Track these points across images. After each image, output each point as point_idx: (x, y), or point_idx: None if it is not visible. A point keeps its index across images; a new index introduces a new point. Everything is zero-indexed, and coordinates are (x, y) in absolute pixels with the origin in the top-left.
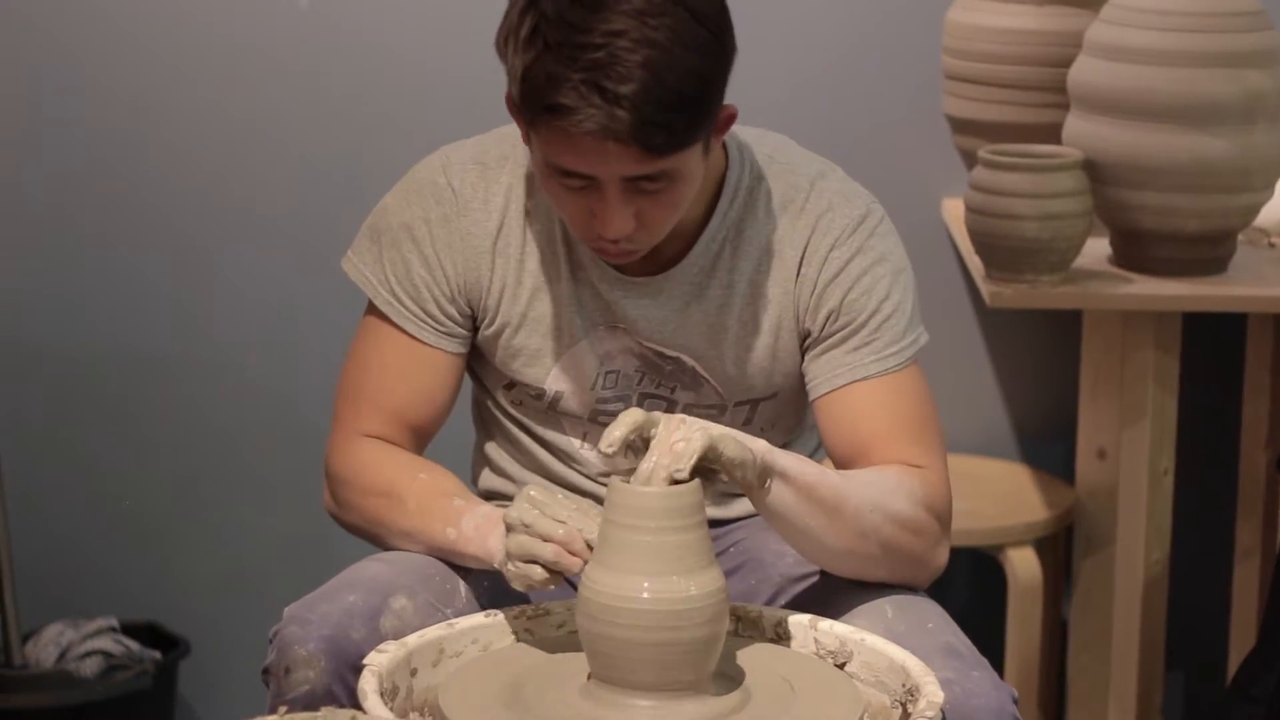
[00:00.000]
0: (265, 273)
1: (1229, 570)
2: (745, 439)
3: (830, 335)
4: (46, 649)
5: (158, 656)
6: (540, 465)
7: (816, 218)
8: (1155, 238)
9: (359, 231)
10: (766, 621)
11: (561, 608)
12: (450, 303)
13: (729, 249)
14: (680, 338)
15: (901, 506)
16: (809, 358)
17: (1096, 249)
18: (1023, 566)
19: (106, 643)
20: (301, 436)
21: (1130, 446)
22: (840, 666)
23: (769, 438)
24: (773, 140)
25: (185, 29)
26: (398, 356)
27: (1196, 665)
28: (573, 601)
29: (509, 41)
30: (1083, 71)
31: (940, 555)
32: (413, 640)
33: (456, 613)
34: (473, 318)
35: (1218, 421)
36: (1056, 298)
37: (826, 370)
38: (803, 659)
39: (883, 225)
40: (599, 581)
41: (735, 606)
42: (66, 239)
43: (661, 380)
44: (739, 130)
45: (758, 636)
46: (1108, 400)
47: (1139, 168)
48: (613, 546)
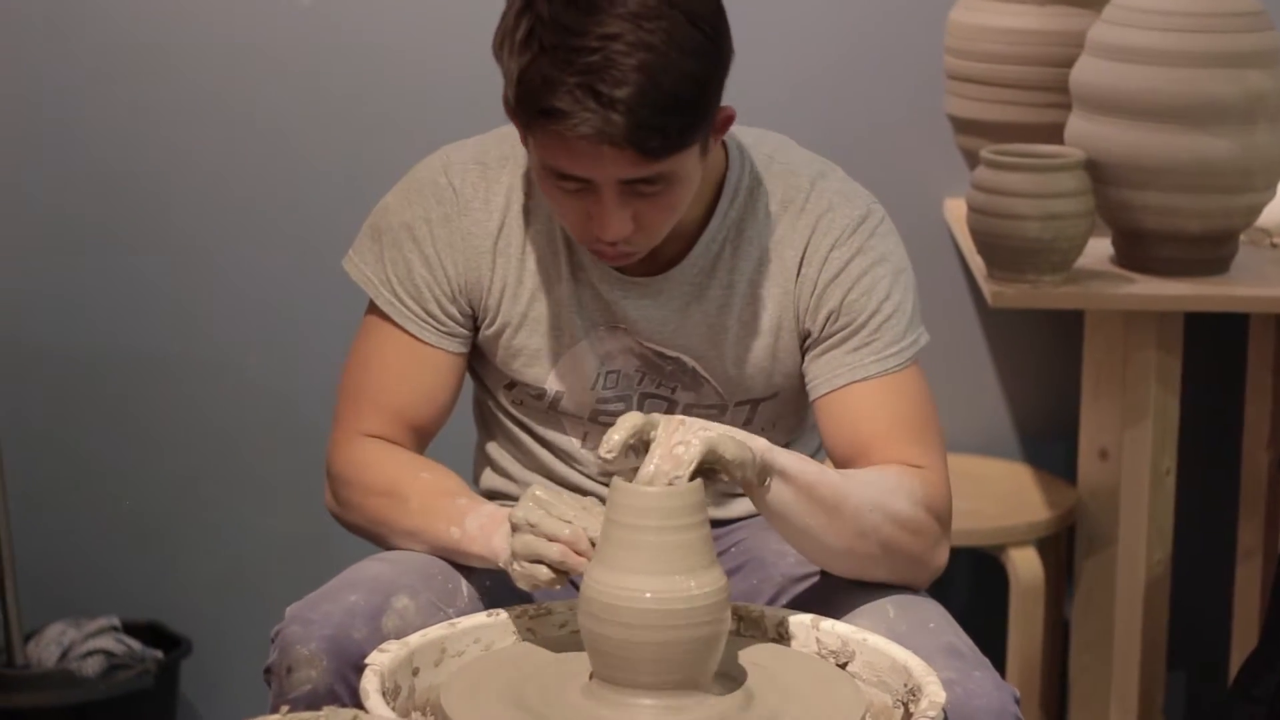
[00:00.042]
0: (266, 272)
1: (1231, 570)
2: (745, 438)
3: (830, 335)
4: (48, 648)
5: (160, 656)
6: (541, 465)
7: (817, 218)
8: (1157, 238)
9: (360, 231)
10: (768, 621)
11: (564, 607)
12: (451, 302)
13: (729, 249)
14: (680, 338)
15: (901, 506)
16: (809, 358)
17: (1098, 249)
18: (1024, 566)
19: (108, 642)
20: (302, 436)
21: (1132, 446)
22: (842, 666)
23: (770, 438)
24: (773, 140)
25: (185, 28)
26: (399, 356)
27: (1198, 665)
28: (575, 601)
29: (505, 44)
30: (1085, 71)
31: (940, 556)
32: (415, 640)
33: (459, 612)
34: (473, 317)
35: (1220, 422)
36: (1058, 298)
37: (826, 370)
38: (805, 659)
39: (883, 225)
40: (601, 581)
41: (737, 606)
42: (67, 239)
43: (662, 380)
44: (739, 131)
45: (760, 636)
46: (1110, 400)
47: (1141, 168)
48: (615, 546)
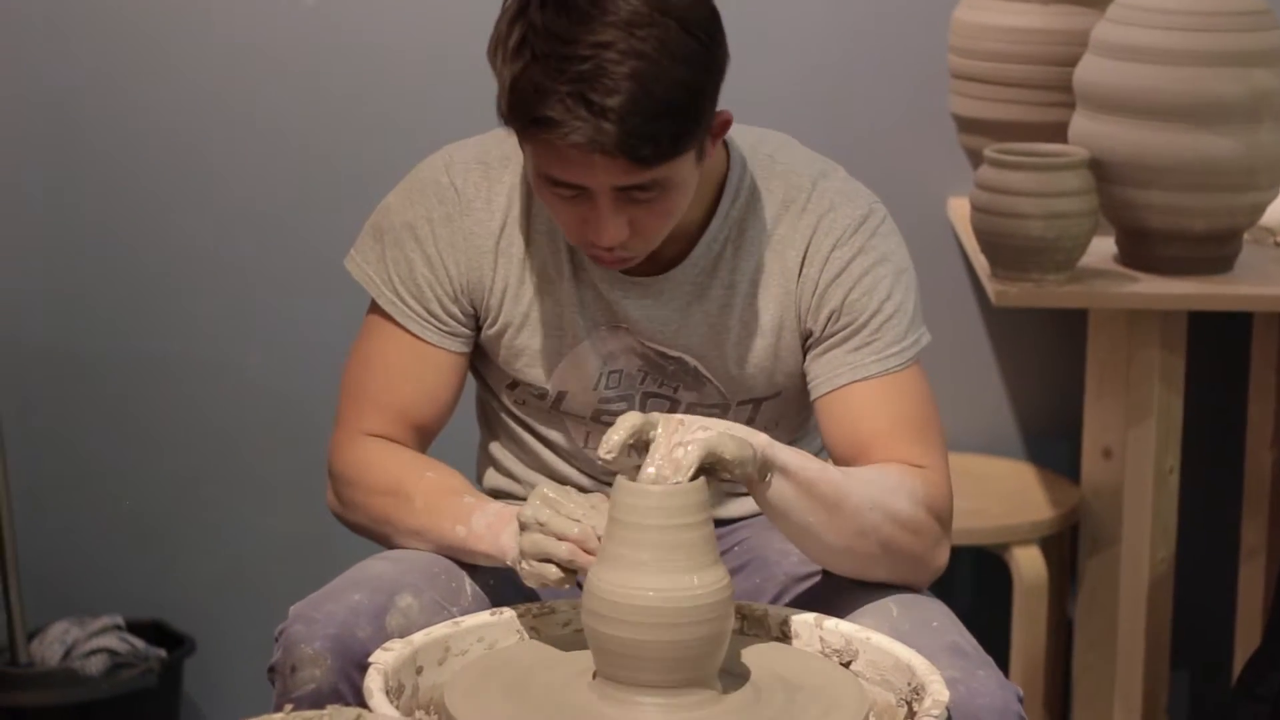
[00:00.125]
0: (267, 272)
1: (1234, 569)
2: (746, 434)
3: (831, 335)
4: (52, 647)
5: (163, 654)
6: (544, 465)
7: (818, 218)
8: (1161, 237)
9: (361, 231)
10: (772, 620)
11: (567, 606)
12: (453, 302)
13: (730, 249)
14: (682, 338)
15: (902, 506)
16: (810, 357)
17: (1102, 248)
18: (1028, 565)
19: (112, 641)
20: (305, 435)
21: (1135, 445)
22: (845, 665)
23: (773, 437)
24: (775, 140)
25: (187, 28)
26: (401, 356)
27: (1202, 664)
28: (579, 600)
29: (498, 51)
30: (1089, 70)
31: (940, 556)
32: (418, 638)
33: (462, 611)
34: (475, 317)
35: (1223, 420)
36: (1062, 297)
37: (827, 370)
38: (808, 658)
39: (884, 225)
40: (605, 580)
41: (741, 605)
42: (68, 239)
43: (664, 380)
44: (741, 130)
45: (763, 635)
46: (1113, 399)
47: (1145, 167)
48: (619, 545)
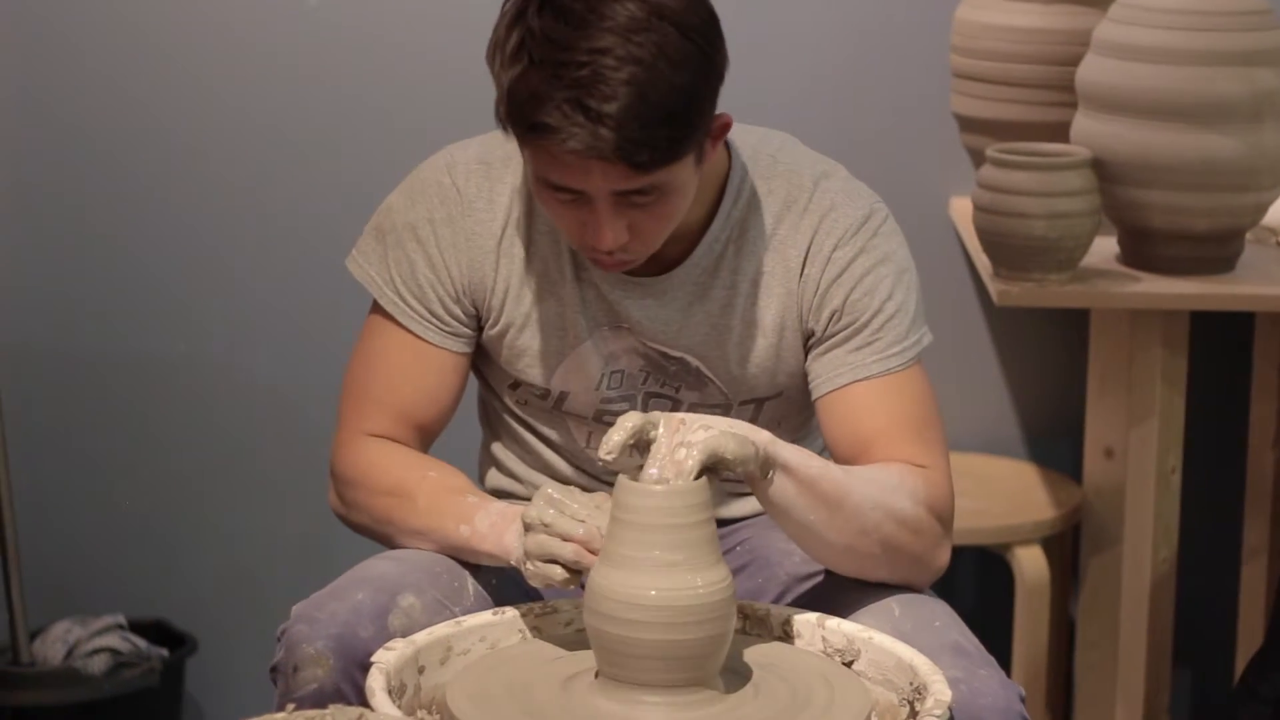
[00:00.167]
0: (268, 272)
1: (1236, 569)
2: (748, 431)
3: (833, 335)
4: (54, 646)
5: (165, 654)
6: (546, 465)
7: (820, 218)
8: (1163, 236)
9: (363, 231)
10: (774, 619)
11: (569, 605)
12: (455, 303)
13: (732, 249)
14: (684, 338)
15: (903, 505)
16: (812, 357)
17: (1104, 248)
18: (1030, 565)
19: (114, 640)
20: (307, 435)
21: (1138, 445)
22: (848, 665)
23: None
24: (776, 140)
25: (188, 28)
26: (403, 356)
27: (1203, 664)
28: (581, 599)
29: (496, 56)
30: (1091, 70)
31: (941, 556)
32: (420, 638)
33: (464, 611)
34: (477, 318)
35: (1225, 420)
36: (1064, 296)
37: (829, 370)
38: (810, 657)
39: (886, 225)
40: (607, 579)
41: (743, 604)
42: (71, 240)
43: (666, 380)
44: (742, 130)
45: (765, 634)
46: (1115, 399)
47: (1147, 166)
48: (620, 544)
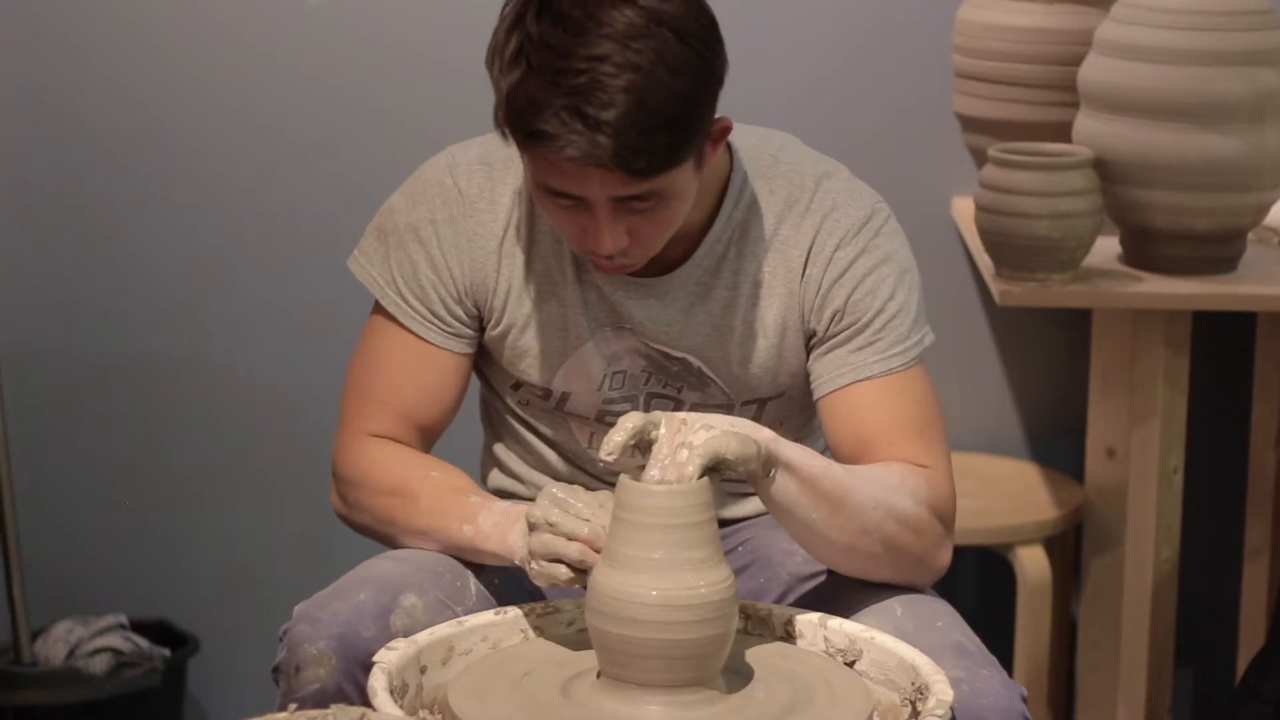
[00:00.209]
0: (268, 272)
1: (1238, 569)
2: (750, 429)
3: (835, 335)
4: (56, 646)
5: (167, 654)
6: (548, 466)
7: (821, 218)
8: (1165, 236)
9: (365, 232)
10: (776, 619)
11: (571, 605)
12: (457, 303)
13: (734, 250)
14: (686, 338)
15: (905, 505)
16: (813, 357)
17: (1106, 247)
18: (1032, 565)
19: (115, 640)
20: (308, 435)
21: (1140, 445)
22: (850, 665)
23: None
24: (778, 140)
25: (189, 28)
26: (404, 357)
27: (1205, 664)
28: (583, 599)
29: (495, 60)
30: (1093, 70)
31: (943, 556)
32: (422, 638)
33: (466, 610)
34: (479, 318)
35: (1227, 420)
36: (1066, 296)
37: (830, 370)
38: (812, 657)
39: (888, 225)
40: (609, 579)
41: (745, 604)
42: (71, 240)
43: (668, 380)
44: (744, 130)
45: (767, 635)
46: (1117, 399)
47: (1149, 166)
48: (622, 544)
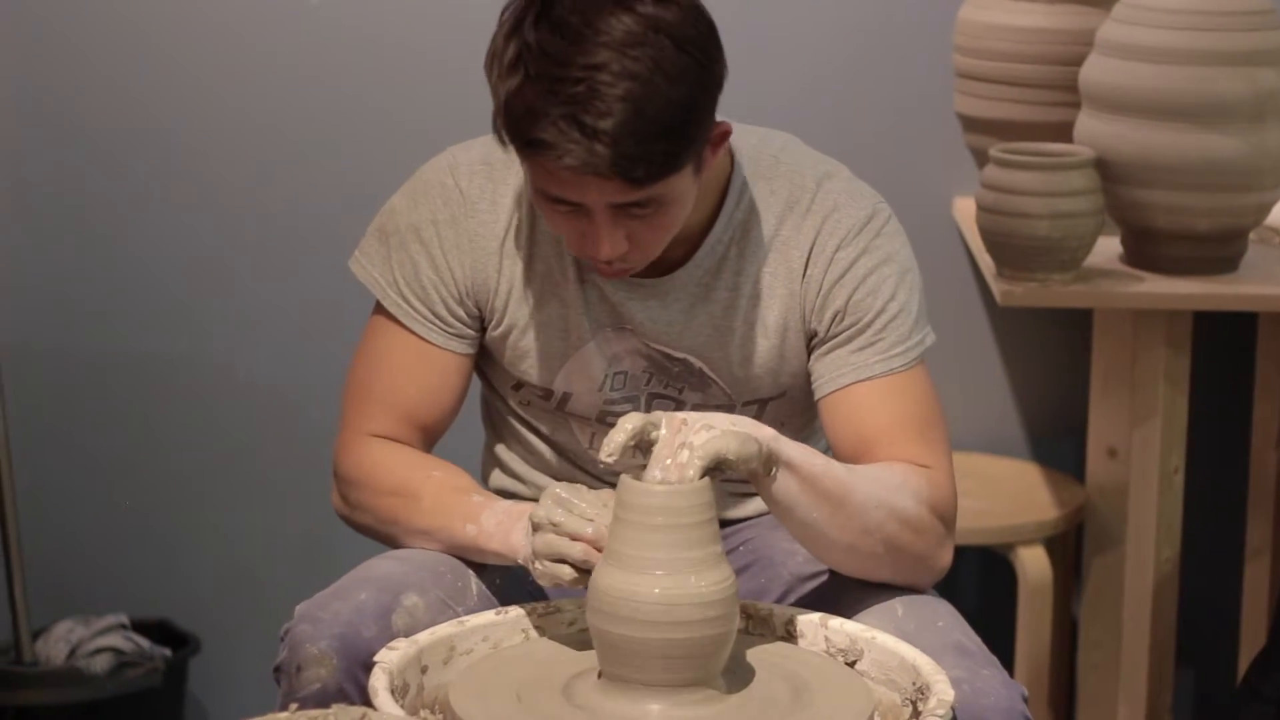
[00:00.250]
0: (269, 272)
1: (1239, 569)
2: (751, 427)
3: (836, 335)
4: (57, 646)
5: (168, 654)
6: (549, 466)
7: (822, 218)
8: (1166, 236)
9: (366, 232)
10: (777, 619)
11: (573, 605)
12: (458, 304)
13: (735, 251)
14: (687, 339)
15: (906, 505)
16: (814, 357)
17: (1107, 247)
18: (1033, 565)
19: (116, 640)
20: (309, 435)
21: (1141, 445)
22: (851, 665)
23: None
24: (779, 140)
25: (189, 28)
26: (406, 357)
27: (1206, 664)
28: (584, 599)
29: (493, 66)
30: (1094, 70)
31: (944, 557)
32: (424, 638)
33: (468, 610)
34: (481, 319)
35: (1228, 420)
36: (1067, 296)
37: (831, 370)
38: (813, 657)
39: (889, 225)
40: (610, 579)
41: (746, 604)
42: (71, 240)
43: (669, 381)
44: (744, 131)
45: (768, 634)
46: (1118, 399)
47: (1150, 166)
48: (623, 544)
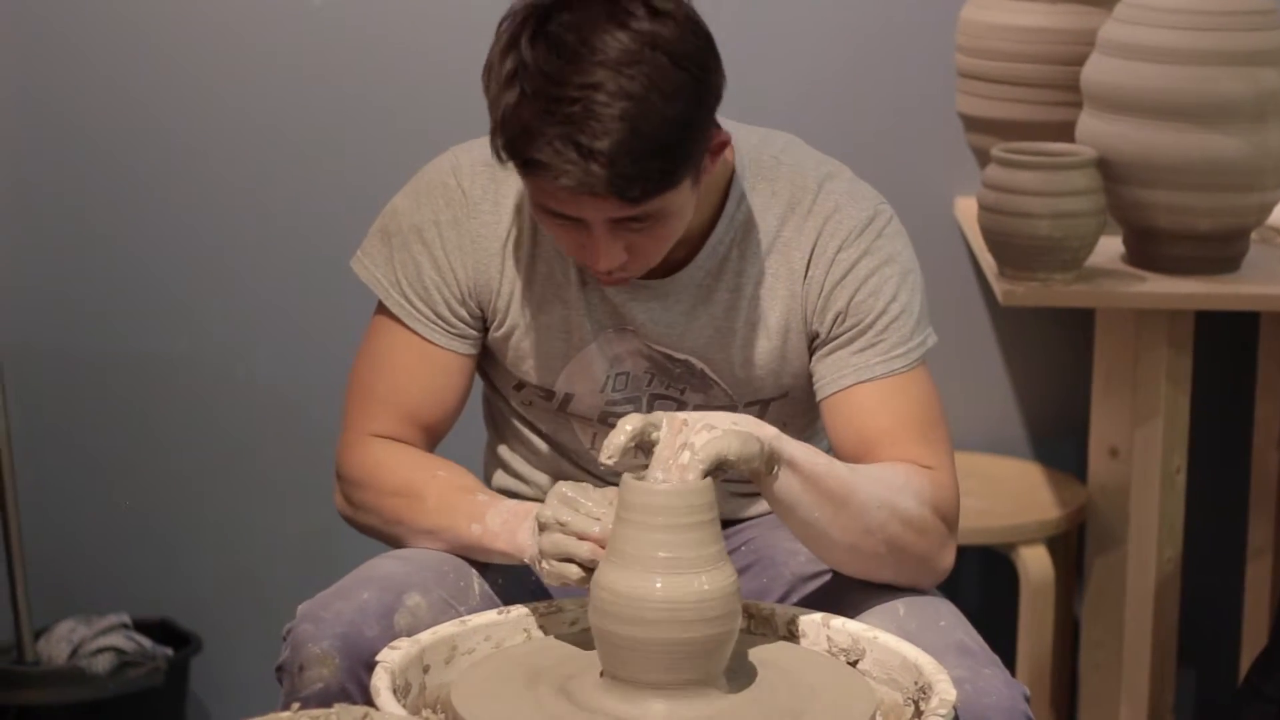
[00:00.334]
0: (270, 272)
1: (1241, 569)
2: (753, 426)
3: (837, 336)
4: (58, 646)
5: (169, 653)
6: (551, 466)
7: (824, 219)
8: (1168, 236)
9: (368, 232)
10: (779, 619)
11: (575, 605)
12: (461, 304)
13: (736, 252)
14: (688, 340)
15: (908, 505)
16: (816, 358)
17: (1109, 247)
18: (1035, 565)
19: (118, 639)
20: (311, 434)
21: (1142, 445)
22: (853, 664)
23: None
24: (780, 140)
25: (189, 28)
26: (408, 357)
27: (1208, 664)
28: (586, 599)
29: (490, 79)
30: (1096, 69)
31: (946, 557)
32: (426, 637)
33: (470, 610)
34: (483, 319)
35: (1230, 420)
36: (1069, 296)
37: (833, 371)
38: (815, 657)
39: (890, 226)
40: (612, 579)
41: (748, 604)
42: (71, 240)
43: (671, 382)
44: (746, 131)
45: (770, 634)
46: (1120, 399)
47: (1152, 166)
48: (625, 543)
